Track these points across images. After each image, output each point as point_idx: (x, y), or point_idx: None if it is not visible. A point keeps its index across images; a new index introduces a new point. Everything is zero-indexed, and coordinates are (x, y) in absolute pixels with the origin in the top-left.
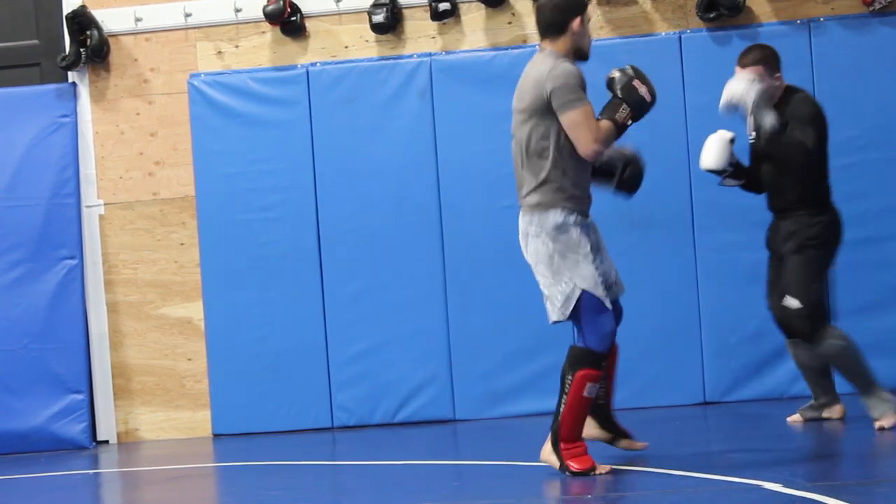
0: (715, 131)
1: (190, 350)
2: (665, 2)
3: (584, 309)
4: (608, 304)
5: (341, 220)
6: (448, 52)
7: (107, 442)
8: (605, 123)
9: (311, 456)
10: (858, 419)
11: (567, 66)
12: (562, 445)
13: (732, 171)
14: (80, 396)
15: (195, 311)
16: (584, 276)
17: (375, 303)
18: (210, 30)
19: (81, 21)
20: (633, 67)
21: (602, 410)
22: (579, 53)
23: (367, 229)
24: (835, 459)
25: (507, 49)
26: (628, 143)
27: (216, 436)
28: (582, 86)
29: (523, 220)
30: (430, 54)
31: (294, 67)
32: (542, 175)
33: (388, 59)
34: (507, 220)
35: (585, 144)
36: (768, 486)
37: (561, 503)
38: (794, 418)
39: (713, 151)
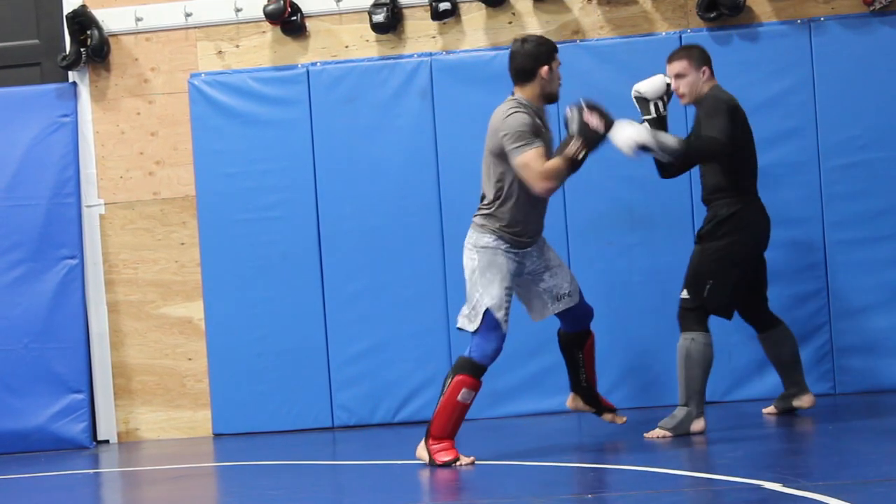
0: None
1: (190, 350)
2: (665, 1)
3: (482, 324)
4: (503, 328)
5: (342, 220)
6: (448, 52)
7: (107, 441)
8: (554, 162)
9: (312, 456)
10: (857, 419)
11: (518, 116)
12: (430, 441)
13: (656, 119)
14: (80, 396)
15: (196, 310)
16: (493, 296)
17: (376, 302)
18: (210, 29)
19: (82, 21)
20: (585, 101)
21: (588, 391)
22: (548, 98)
23: (368, 229)
24: (834, 459)
25: (507, 49)
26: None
27: (216, 435)
28: (532, 131)
29: (468, 234)
30: (430, 54)
31: (294, 67)
32: (492, 209)
33: (388, 58)
34: None
35: (533, 183)
36: (768, 485)
37: (561, 502)
38: (769, 410)
39: (651, 81)
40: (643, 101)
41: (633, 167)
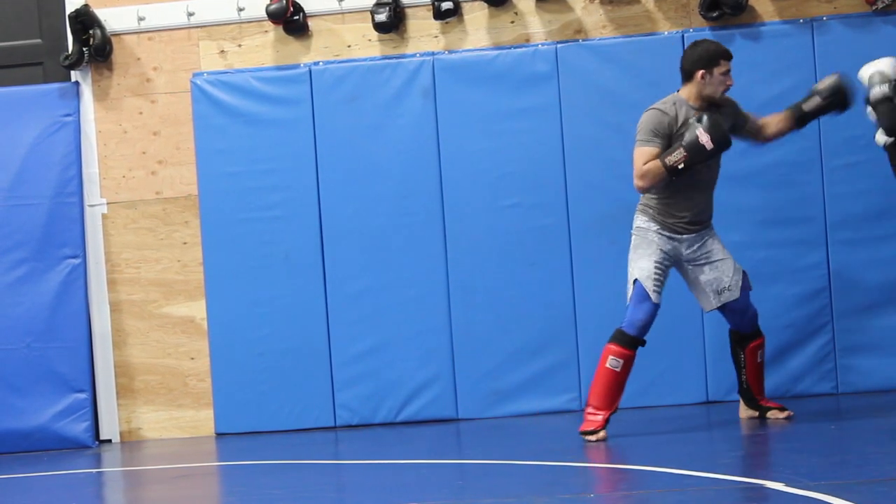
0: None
1: (193, 349)
2: (668, 1)
3: (632, 295)
4: (653, 298)
5: (344, 219)
6: (451, 52)
7: (110, 441)
8: (653, 164)
9: (314, 455)
10: (860, 419)
11: (650, 114)
12: (587, 408)
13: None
14: (83, 395)
15: (198, 310)
16: (642, 268)
17: (378, 302)
18: (213, 29)
19: (84, 20)
20: (707, 116)
21: (747, 394)
22: (707, 99)
23: (370, 228)
24: (837, 458)
25: (509, 48)
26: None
27: (219, 435)
28: (655, 131)
29: None
30: (432, 53)
31: (297, 66)
32: (645, 196)
33: (390, 58)
34: (509, 218)
35: (634, 178)
36: (771, 485)
37: (563, 502)
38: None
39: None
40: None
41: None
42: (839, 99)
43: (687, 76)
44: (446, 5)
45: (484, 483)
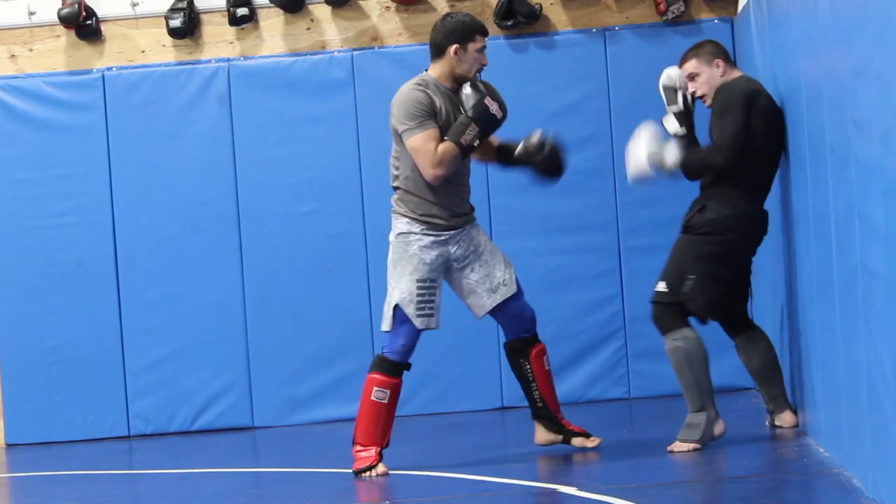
0: (516, 138)
1: None
2: (462, 9)
3: (392, 319)
4: (417, 323)
5: (138, 227)
6: (246, 58)
7: None
8: (447, 146)
9: (108, 465)
10: (649, 422)
11: (413, 93)
12: (355, 447)
13: (683, 112)
14: None
15: None
16: (402, 290)
17: (173, 310)
18: (3, 33)
19: None
20: (485, 84)
21: (545, 413)
22: (460, 79)
23: (165, 235)
24: (629, 462)
25: (305, 55)
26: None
27: (9, 446)
28: (425, 112)
29: None
30: (228, 59)
31: (90, 72)
32: (399, 192)
33: (185, 63)
34: (305, 225)
35: (424, 169)
36: (564, 489)
37: None
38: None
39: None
40: (671, 90)
41: None
42: (542, 159)
43: (438, 51)
44: (242, 11)
45: (280, 491)
